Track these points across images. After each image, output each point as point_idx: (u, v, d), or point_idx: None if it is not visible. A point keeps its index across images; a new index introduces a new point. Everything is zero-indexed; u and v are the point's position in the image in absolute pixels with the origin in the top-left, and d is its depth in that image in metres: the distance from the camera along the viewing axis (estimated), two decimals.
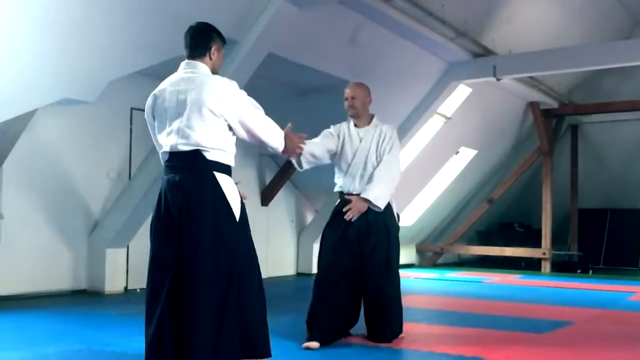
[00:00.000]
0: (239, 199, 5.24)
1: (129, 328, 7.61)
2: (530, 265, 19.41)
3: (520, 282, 14.87)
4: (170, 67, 10.46)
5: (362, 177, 6.89)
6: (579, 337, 7.56)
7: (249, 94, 5.27)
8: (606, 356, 6.50)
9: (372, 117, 7.25)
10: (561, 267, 19.14)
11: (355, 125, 7.13)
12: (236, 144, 5.33)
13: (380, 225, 6.84)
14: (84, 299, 10.20)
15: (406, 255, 18.44)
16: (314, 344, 6.43)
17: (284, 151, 5.79)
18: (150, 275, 5.13)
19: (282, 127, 5.65)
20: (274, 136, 5.51)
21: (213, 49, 5.38)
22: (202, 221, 4.95)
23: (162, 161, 5.28)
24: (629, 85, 19.11)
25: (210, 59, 5.34)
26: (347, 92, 7.19)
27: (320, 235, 7.15)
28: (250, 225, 5.21)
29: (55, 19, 7.91)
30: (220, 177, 5.15)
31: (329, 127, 7.18)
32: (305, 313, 6.77)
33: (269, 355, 5.22)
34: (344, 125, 7.19)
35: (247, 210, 5.23)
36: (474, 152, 18.34)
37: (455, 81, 14.81)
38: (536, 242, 18.73)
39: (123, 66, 9.09)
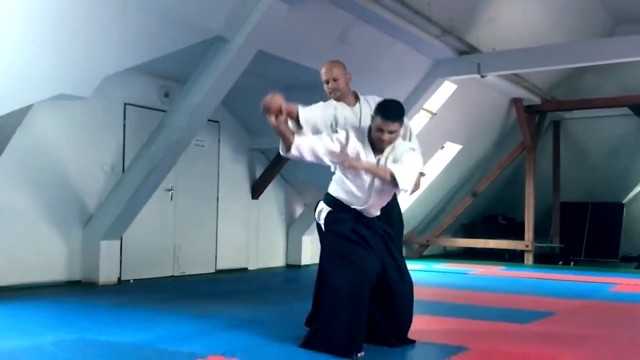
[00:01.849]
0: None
1: (122, 318, 7.62)
2: (513, 257, 19.44)
3: (504, 273, 14.91)
4: (163, 64, 10.54)
5: None
6: (561, 328, 7.56)
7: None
8: (588, 346, 6.51)
9: (355, 93, 6.56)
10: (543, 259, 19.19)
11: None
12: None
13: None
14: (78, 290, 10.19)
15: None
16: None
17: None
18: None
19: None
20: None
21: None
22: None
23: None
24: (610, 83, 19.15)
25: None
26: (326, 73, 6.40)
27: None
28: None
29: (51, 16, 7.91)
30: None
31: None
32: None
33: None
34: (336, 109, 6.37)
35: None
36: (459, 147, 18.38)
37: (441, 78, 14.83)
38: (519, 235, 18.77)
39: (117, 62, 9.08)
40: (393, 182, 5.66)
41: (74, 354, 5.56)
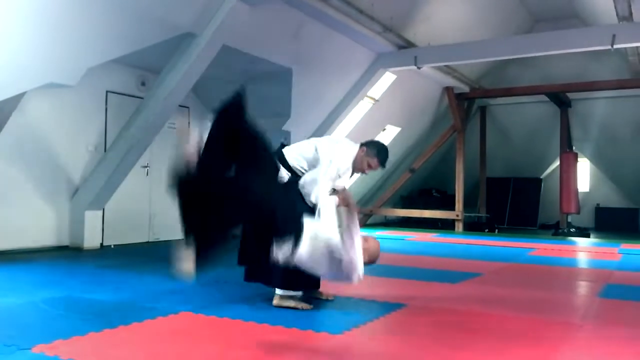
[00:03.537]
0: None
1: (104, 278, 7.63)
2: (445, 225, 19.64)
3: (437, 239, 15.00)
4: (140, 56, 10.51)
5: None
6: (487, 286, 7.67)
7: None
8: (510, 302, 6.60)
9: None
10: (471, 226, 19.35)
11: None
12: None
13: None
14: (66, 254, 10.15)
15: None
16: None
17: None
18: None
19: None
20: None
21: None
22: None
23: None
24: (529, 73, 19.33)
25: None
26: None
27: None
28: None
29: (42, 13, 7.90)
30: None
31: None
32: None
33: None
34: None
35: None
36: (398, 129, 18.43)
37: (382, 69, 14.91)
38: (450, 206, 18.94)
39: (100, 55, 9.08)
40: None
41: (62, 310, 5.57)
